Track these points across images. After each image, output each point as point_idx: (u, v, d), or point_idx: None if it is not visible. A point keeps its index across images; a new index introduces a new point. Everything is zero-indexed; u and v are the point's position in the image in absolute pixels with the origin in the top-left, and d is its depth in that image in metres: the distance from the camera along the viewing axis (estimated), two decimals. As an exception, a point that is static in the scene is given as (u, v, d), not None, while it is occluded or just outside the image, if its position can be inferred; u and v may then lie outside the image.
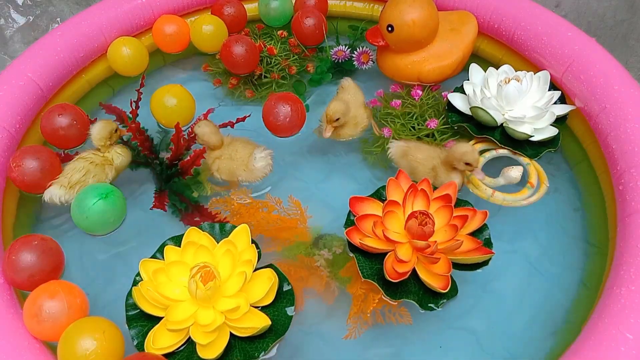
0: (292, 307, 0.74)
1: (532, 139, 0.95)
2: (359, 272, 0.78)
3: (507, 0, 1.12)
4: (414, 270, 0.77)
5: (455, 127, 1.01)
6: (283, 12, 1.24)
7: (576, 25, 1.06)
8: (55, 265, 0.80)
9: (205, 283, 0.69)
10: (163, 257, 0.77)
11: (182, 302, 0.72)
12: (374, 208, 0.83)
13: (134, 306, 0.74)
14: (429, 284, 0.75)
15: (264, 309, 0.74)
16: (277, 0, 1.22)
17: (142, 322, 0.74)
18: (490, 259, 0.78)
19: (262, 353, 0.70)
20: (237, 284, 0.72)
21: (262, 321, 0.70)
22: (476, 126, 0.99)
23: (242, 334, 0.70)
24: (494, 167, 0.96)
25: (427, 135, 1.01)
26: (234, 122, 1.00)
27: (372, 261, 0.79)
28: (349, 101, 1.00)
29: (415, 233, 0.75)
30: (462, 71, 1.11)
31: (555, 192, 0.94)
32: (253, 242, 0.78)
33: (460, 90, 1.04)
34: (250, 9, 1.28)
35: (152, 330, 0.70)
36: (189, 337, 0.70)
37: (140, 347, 0.71)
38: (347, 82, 1.06)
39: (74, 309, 0.72)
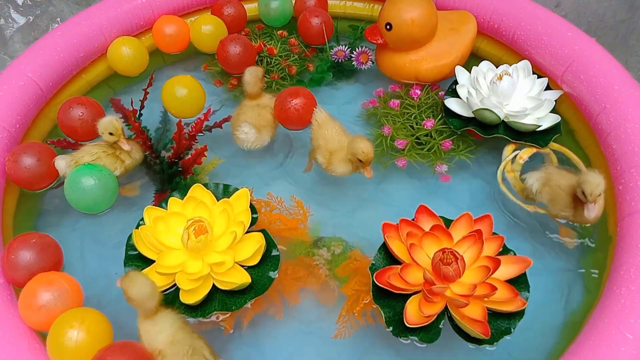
0: (276, 271, 0.79)
1: (537, 128, 0.95)
2: (371, 262, 0.78)
3: (507, 0, 1.12)
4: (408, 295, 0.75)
5: (459, 132, 1.01)
6: (283, 12, 1.24)
7: (576, 25, 1.06)
8: (55, 261, 0.80)
9: (197, 236, 0.75)
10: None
11: (174, 250, 0.78)
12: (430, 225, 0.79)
13: (134, 247, 0.80)
14: (405, 312, 0.72)
15: (249, 268, 0.78)
16: (277, 0, 1.22)
17: (138, 262, 0.80)
18: (483, 341, 0.72)
19: (238, 307, 0.76)
20: (227, 242, 0.78)
21: (242, 278, 0.75)
22: (480, 127, 0.99)
23: (223, 286, 0.75)
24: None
25: (425, 135, 1.01)
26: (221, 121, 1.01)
27: (388, 261, 0.79)
28: (337, 133, 0.94)
29: (434, 267, 0.73)
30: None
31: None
32: (251, 207, 0.83)
33: (451, 94, 1.04)
34: (250, 9, 1.28)
35: (143, 271, 0.76)
36: (175, 284, 0.76)
37: None
38: (321, 114, 0.97)
39: (69, 297, 0.73)
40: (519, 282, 0.76)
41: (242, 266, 0.78)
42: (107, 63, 1.16)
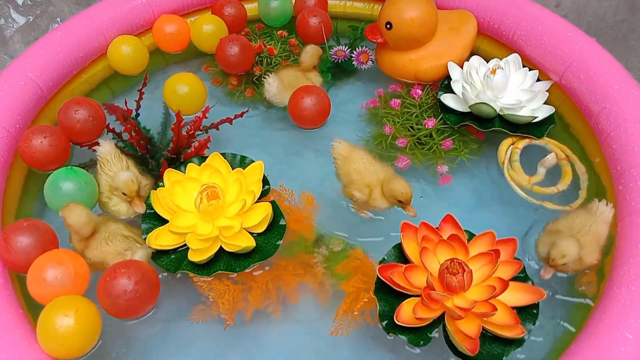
0: (281, 241, 0.83)
1: (533, 120, 0.96)
2: (383, 257, 0.79)
3: (507, 0, 1.12)
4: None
5: (456, 128, 1.01)
6: (283, 12, 1.24)
7: (576, 25, 1.06)
8: (50, 241, 0.81)
9: (209, 200, 0.80)
10: None
11: (188, 213, 0.84)
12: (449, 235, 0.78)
13: (151, 206, 0.86)
14: (398, 309, 0.72)
15: (258, 235, 0.83)
16: (277, 0, 1.22)
17: (154, 221, 0.86)
18: (470, 359, 0.71)
19: (242, 269, 0.81)
20: (237, 208, 0.83)
21: (247, 242, 0.81)
22: (476, 121, 1.00)
23: (229, 249, 0.80)
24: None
25: (426, 135, 1.01)
26: (232, 118, 1.01)
27: (400, 260, 0.79)
28: (370, 164, 0.88)
29: (439, 274, 0.72)
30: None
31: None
32: (265, 180, 0.88)
33: (444, 89, 1.05)
34: (250, 9, 1.28)
35: (157, 228, 0.82)
36: (185, 244, 0.81)
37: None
38: (341, 146, 0.89)
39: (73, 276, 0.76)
40: (527, 312, 0.74)
41: (251, 233, 0.83)
42: (107, 63, 1.16)
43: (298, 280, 0.84)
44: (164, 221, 0.84)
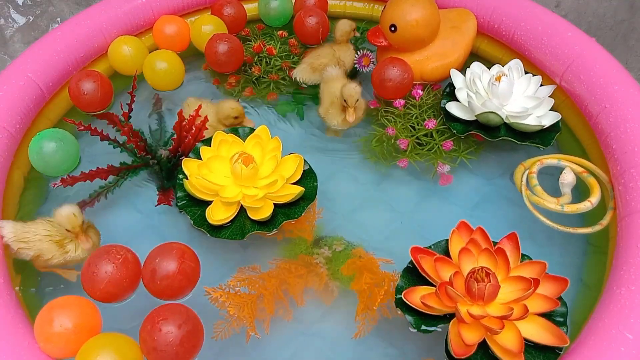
0: (316, 182, 0.91)
1: (542, 128, 0.95)
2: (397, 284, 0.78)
3: (507, 0, 1.12)
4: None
5: (462, 137, 1.00)
6: (283, 12, 1.24)
7: (576, 25, 1.06)
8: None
9: (247, 165, 0.85)
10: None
11: (227, 186, 0.88)
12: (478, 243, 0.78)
13: (182, 197, 0.90)
14: (410, 291, 0.74)
15: (294, 184, 0.89)
16: (277, 0, 1.22)
17: (193, 207, 0.89)
18: None
19: (300, 215, 0.88)
20: (270, 166, 0.89)
21: (296, 189, 0.87)
22: (482, 129, 0.99)
23: (282, 200, 0.87)
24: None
25: (426, 135, 1.01)
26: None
27: (414, 283, 0.79)
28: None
29: (465, 279, 0.72)
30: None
31: (555, 192, 0.94)
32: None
33: (448, 97, 1.04)
34: (250, 9, 1.28)
35: (209, 207, 0.86)
36: (236, 216, 0.87)
37: (196, 223, 0.87)
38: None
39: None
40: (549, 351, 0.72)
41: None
42: (107, 63, 1.16)
43: (303, 283, 0.84)
44: (201, 204, 0.88)
